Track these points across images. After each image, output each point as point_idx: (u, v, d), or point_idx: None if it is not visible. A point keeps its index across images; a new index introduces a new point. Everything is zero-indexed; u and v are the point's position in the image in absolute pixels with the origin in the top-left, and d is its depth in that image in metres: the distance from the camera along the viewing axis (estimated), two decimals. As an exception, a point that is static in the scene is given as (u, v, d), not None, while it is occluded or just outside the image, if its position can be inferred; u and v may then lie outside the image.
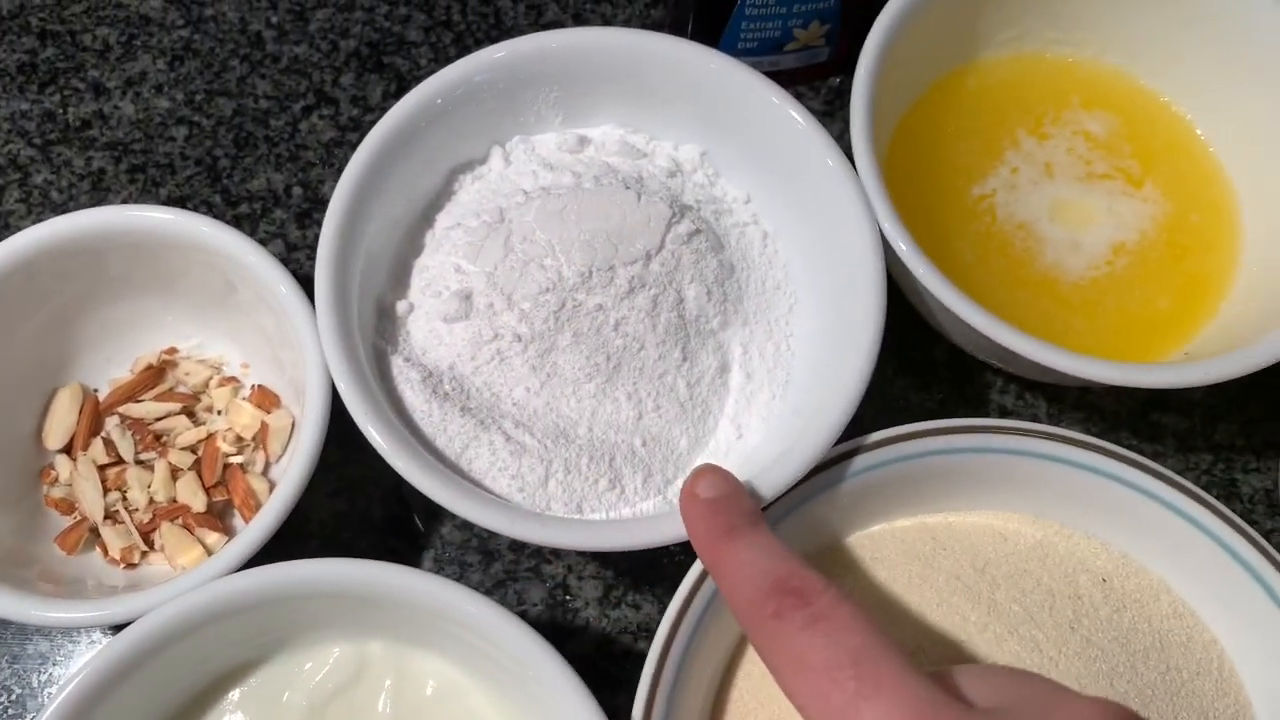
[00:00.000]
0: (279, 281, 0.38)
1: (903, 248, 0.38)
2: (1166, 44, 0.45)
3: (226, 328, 0.43)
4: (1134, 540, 0.38)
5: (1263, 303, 0.41)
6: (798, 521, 0.37)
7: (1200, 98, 0.45)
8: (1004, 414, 0.45)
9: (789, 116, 0.40)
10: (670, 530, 0.34)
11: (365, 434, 0.34)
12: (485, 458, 0.37)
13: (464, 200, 0.41)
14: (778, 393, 0.40)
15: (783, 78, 0.48)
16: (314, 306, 0.36)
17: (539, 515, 0.36)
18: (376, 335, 0.38)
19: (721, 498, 0.33)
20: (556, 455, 0.37)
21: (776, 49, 0.46)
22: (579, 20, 0.50)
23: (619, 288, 0.38)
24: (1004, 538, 0.38)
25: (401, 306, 0.39)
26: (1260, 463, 0.44)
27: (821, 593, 0.28)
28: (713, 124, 0.42)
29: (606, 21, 0.50)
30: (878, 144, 0.43)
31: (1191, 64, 0.44)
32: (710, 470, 0.34)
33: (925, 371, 0.45)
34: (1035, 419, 0.45)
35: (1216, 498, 0.43)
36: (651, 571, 0.42)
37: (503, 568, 0.41)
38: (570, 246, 0.38)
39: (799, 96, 0.49)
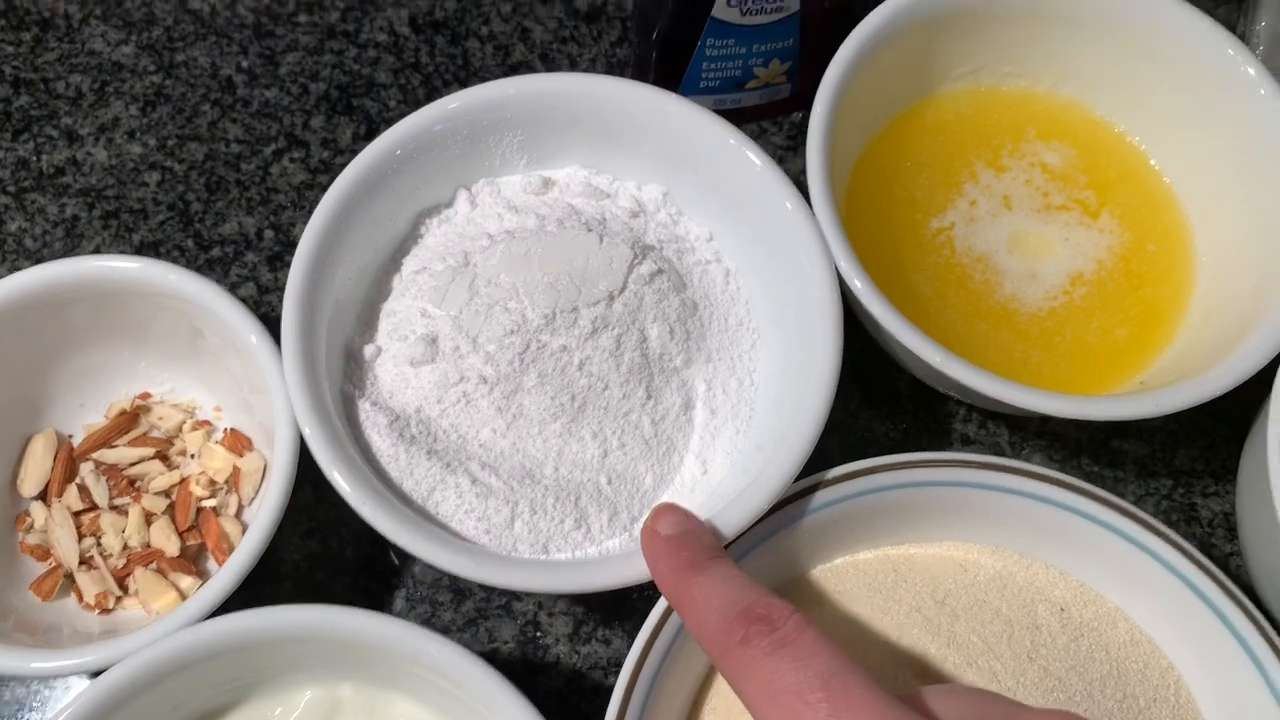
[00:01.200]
0: (245, 327, 0.39)
1: (858, 285, 0.39)
2: (1119, 77, 0.45)
3: (199, 372, 0.43)
4: (1092, 570, 0.39)
5: (1215, 330, 0.42)
6: (762, 556, 0.38)
7: (1153, 129, 0.46)
8: (966, 443, 0.45)
9: (746, 158, 0.41)
10: (635, 570, 0.35)
11: (330, 479, 0.35)
12: (452, 500, 0.37)
13: (430, 244, 0.42)
14: (741, 428, 0.41)
15: (746, 114, 0.49)
16: (281, 352, 0.37)
17: (504, 558, 0.36)
18: (344, 380, 0.39)
19: (682, 534, 0.33)
20: (523, 496, 0.38)
21: (738, 87, 0.46)
22: (546, 60, 0.51)
23: (583, 328, 0.39)
24: (964, 569, 0.39)
25: (369, 350, 0.40)
26: (1219, 486, 0.45)
27: (786, 617, 0.29)
28: (674, 164, 0.43)
29: (573, 61, 0.51)
30: (837, 180, 0.44)
31: (1144, 97, 0.45)
32: (670, 509, 0.35)
33: (889, 403, 0.46)
34: (997, 448, 0.45)
35: (1177, 522, 0.44)
36: (621, 607, 0.42)
37: (474, 606, 0.42)
38: (534, 289, 0.39)
39: (762, 132, 0.50)
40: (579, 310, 0.39)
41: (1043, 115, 0.47)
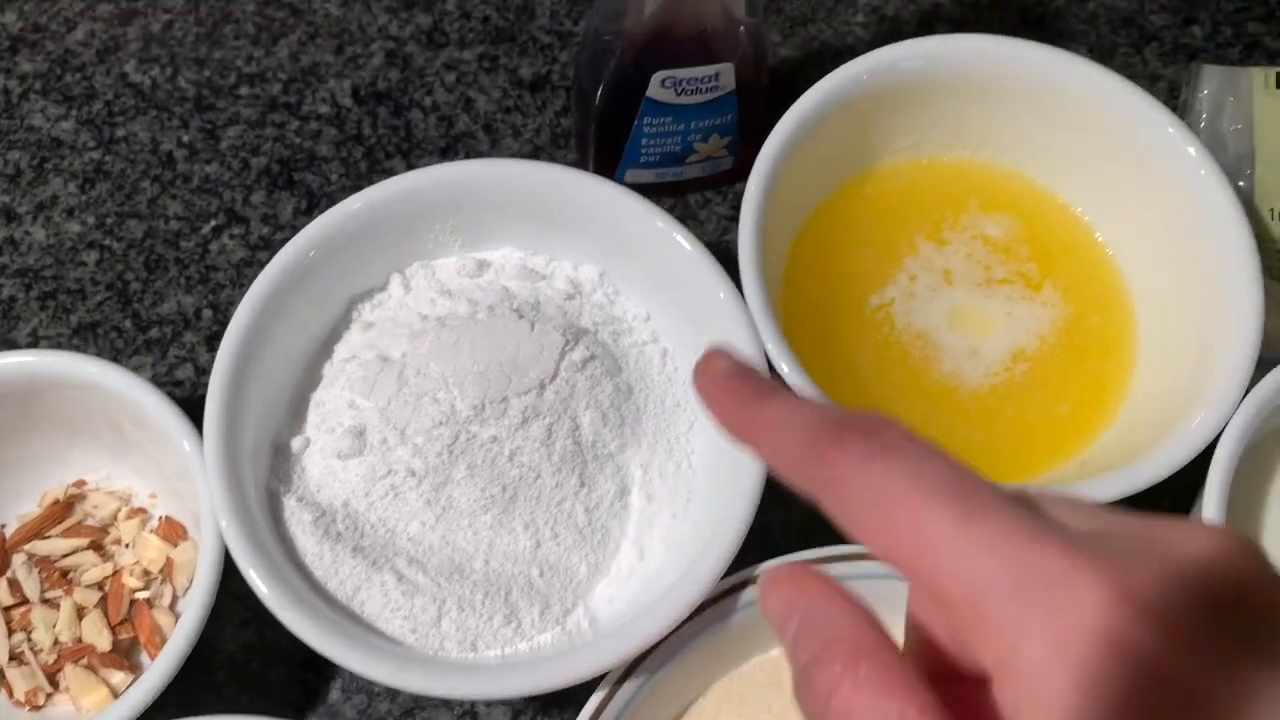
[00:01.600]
0: (166, 419, 0.38)
1: (785, 369, 0.38)
2: (1061, 149, 0.45)
3: (132, 459, 0.43)
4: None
5: (1157, 408, 0.41)
6: (697, 650, 0.38)
7: (1096, 199, 0.46)
8: (911, 519, 0.45)
9: (676, 243, 0.40)
10: (566, 673, 0.35)
11: (248, 581, 0.35)
12: (377, 599, 0.37)
13: (361, 330, 0.41)
14: (679, 512, 0.40)
15: (689, 185, 0.49)
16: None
17: (430, 660, 0.36)
18: (271, 475, 0.39)
19: (740, 368, 0.28)
20: (450, 593, 0.37)
21: (678, 162, 0.46)
22: (489, 131, 0.50)
23: (513, 418, 0.38)
24: (900, 658, 0.39)
25: (297, 443, 0.39)
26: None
27: (888, 425, 0.23)
28: (609, 246, 0.42)
29: (517, 131, 0.50)
30: (775, 257, 0.44)
31: (1086, 169, 0.45)
32: (718, 351, 0.28)
33: (832, 478, 0.45)
34: (942, 523, 0.45)
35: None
36: (560, 695, 0.42)
37: (410, 696, 0.42)
38: (463, 379, 0.38)
39: (706, 202, 0.49)
40: (509, 400, 0.38)
41: (985, 186, 0.47)
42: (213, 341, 0.46)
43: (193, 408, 0.39)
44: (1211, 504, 0.38)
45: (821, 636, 0.22)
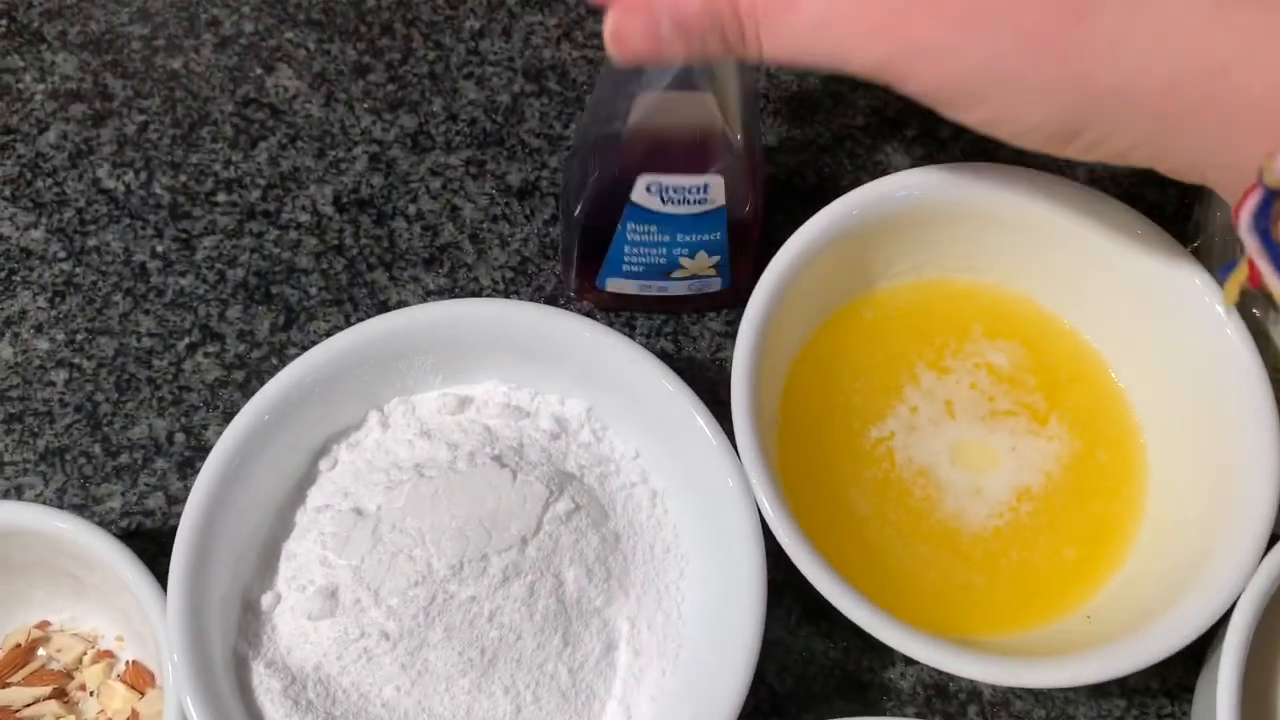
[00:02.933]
0: (121, 568, 0.37)
1: (773, 516, 0.37)
2: (1069, 276, 0.43)
3: (95, 601, 0.41)
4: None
5: (1167, 558, 0.40)
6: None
7: (1106, 329, 0.44)
8: (910, 663, 0.43)
9: (662, 385, 0.39)
10: None
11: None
12: (349, 775, 0.35)
13: (337, 475, 0.40)
14: (668, 667, 0.39)
15: (675, 303, 0.47)
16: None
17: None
18: (239, 637, 0.37)
19: None
20: (425, 767, 0.36)
21: (664, 275, 0.44)
22: (476, 240, 0.48)
23: (493, 577, 0.36)
24: (898, 832, 0.37)
25: (267, 600, 0.37)
26: (1174, 706, 0.43)
27: None
28: (594, 383, 0.41)
29: (504, 241, 0.48)
30: (771, 386, 0.42)
31: (1096, 297, 0.43)
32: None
33: (828, 618, 0.43)
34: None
35: (1131, 747, 0.42)
36: None
37: None
38: (441, 535, 0.36)
39: (700, 318, 0.48)
40: (489, 558, 0.36)
41: (989, 310, 0.45)
42: (184, 469, 0.44)
43: (164, 538, 0.37)
44: (1228, 672, 0.36)
45: None
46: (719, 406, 0.39)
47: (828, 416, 0.43)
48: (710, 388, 0.42)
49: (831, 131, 0.52)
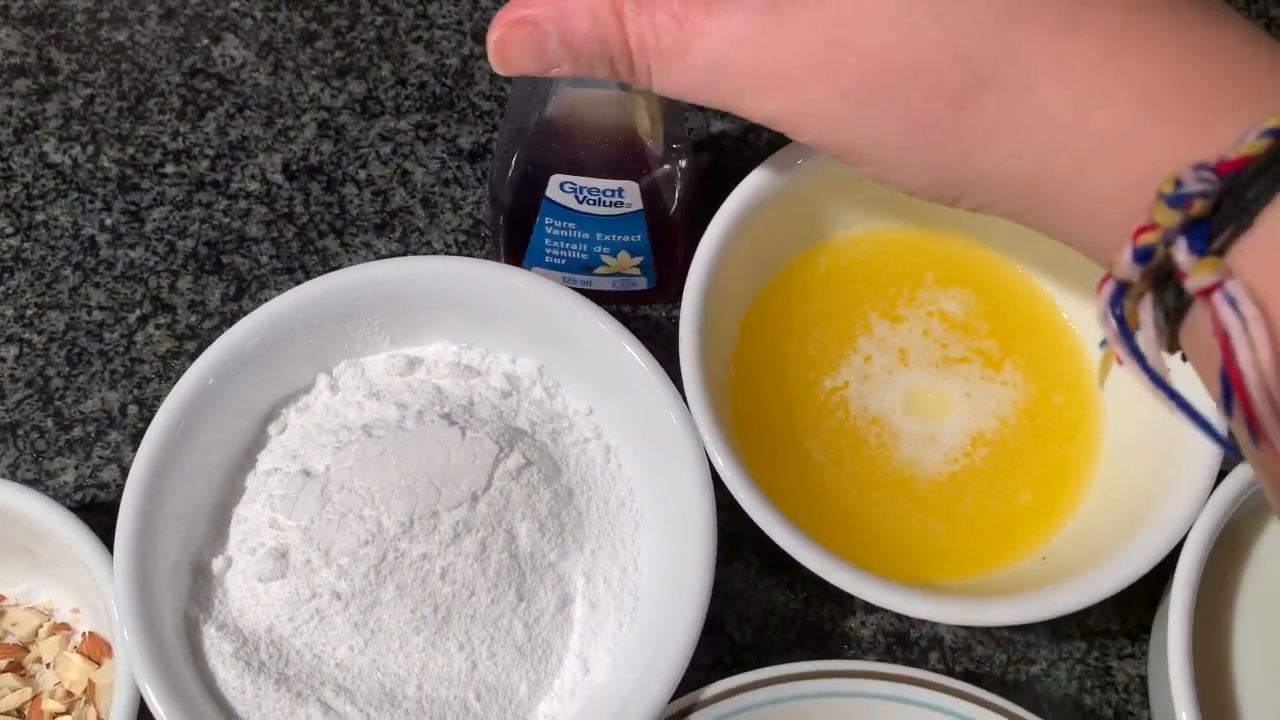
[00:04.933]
0: (72, 540, 0.37)
1: (723, 466, 0.36)
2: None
3: (50, 573, 0.41)
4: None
5: (1122, 498, 0.40)
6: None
7: (1056, 270, 0.44)
8: (870, 611, 0.43)
9: (614, 341, 0.38)
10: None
11: (162, 729, 0.33)
12: (303, 734, 0.35)
13: (286, 438, 0.39)
14: (625, 620, 0.38)
15: (602, 297, 0.46)
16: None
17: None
18: (190, 601, 0.37)
19: None
20: (380, 723, 0.35)
21: (586, 270, 0.44)
22: (427, 205, 0.48)
23: (444, 534, 0.36)
24: (856, 775, 0.37)
25: (218, 564, 0.37)
26: (1134, 648, 0.43)
27: None
28: (546, 339, 0.40)
29: (456, 205, 0.48)
30: (723, 339, 0.42)
31: (1040, 236, 0.43)
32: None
33: (788, 570, 0.43)
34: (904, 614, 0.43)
35: (1092, 689, 0.42)
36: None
37: (347, 819, 0.40)
38: (390, 494, 0.36)
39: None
40: (439, 514, 0.36)
41: (942, 258, 0.45)
42: (138, 440, 0.44)
43: (118, 511, 0.37)
44: (1179, 606, 0.36)
45: None
46: (674, 364, 0.39)
47: (782, 368, 0.43)
48: (666, 344, 0.42)
49: (784, 86, 0.51)
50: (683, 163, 0.40)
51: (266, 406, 0.40)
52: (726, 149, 0.50)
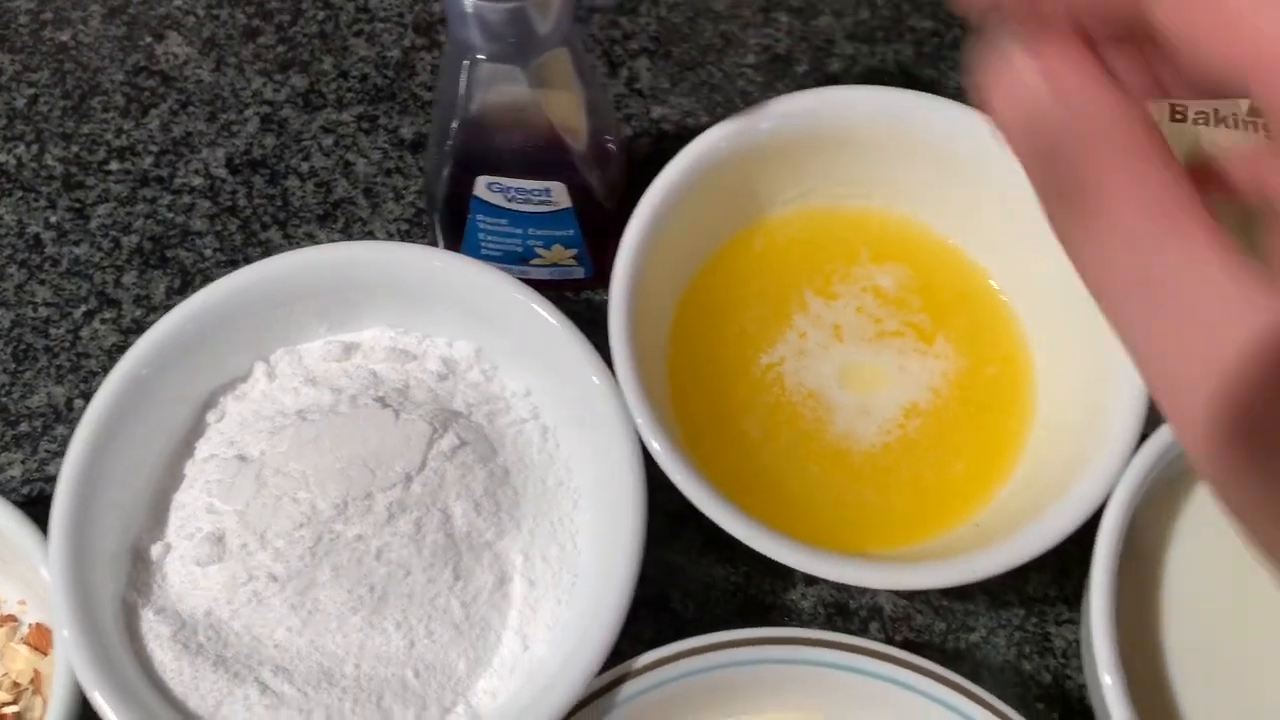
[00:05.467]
0: (24, 537, 0.37)
1: (656, 447, 0.37)
2: (951, 196, 0.44)
3: (-2, 567, 0.41)
4: (923, 734, 0.37)
5: (1054, 463, 0.40)
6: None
7: (990, 246, 0.44)
8: (810, 583, 0.44)
9: (544, 320, 0.39)
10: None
11: (96, 709, 0.33)
12: (240, 715, 0.35)
13: (224, 426, 0.40)
14: (563, 597, 0.39)
15: (540, 285, 0.46)
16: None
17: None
18: (128, 587, 0.37)
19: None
20: (318, 703, 0.36)
21: (522, 262, 0.44)
22: (370, 195, 0.49)
23: (378, 515, 0.37)
24: (790, 742, 0.38)
25: (157, 549, 0.38)
26: (1072, 613, 0.43)
27: None
28: (482, 322, 0.41)
29: (398, 194, 0.49)
30: (658, 323, 0.43)
31: (977, 214, 0.44)
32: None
33: (730, 545, 0.44)
34: (842, 585, 0.44)
35: (1030, 654, 0.43)
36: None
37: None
38: (324, 476, 0.37)
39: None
40: (373, 496, 0.37)
41: (876, 234, 0.45)
42: (84, 433, 0.45)
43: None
44: (1101, 568, 0.37)
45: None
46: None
47: (719, 345, 0.43)
48: (605, 327, 0.42)
49: (723, 71, 0.52)
50: (611, 156, 0.41)
51: (205, 394, 0.40)
52: (667, 134, 0.50)
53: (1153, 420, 0.38)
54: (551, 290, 0.47)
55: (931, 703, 0.36)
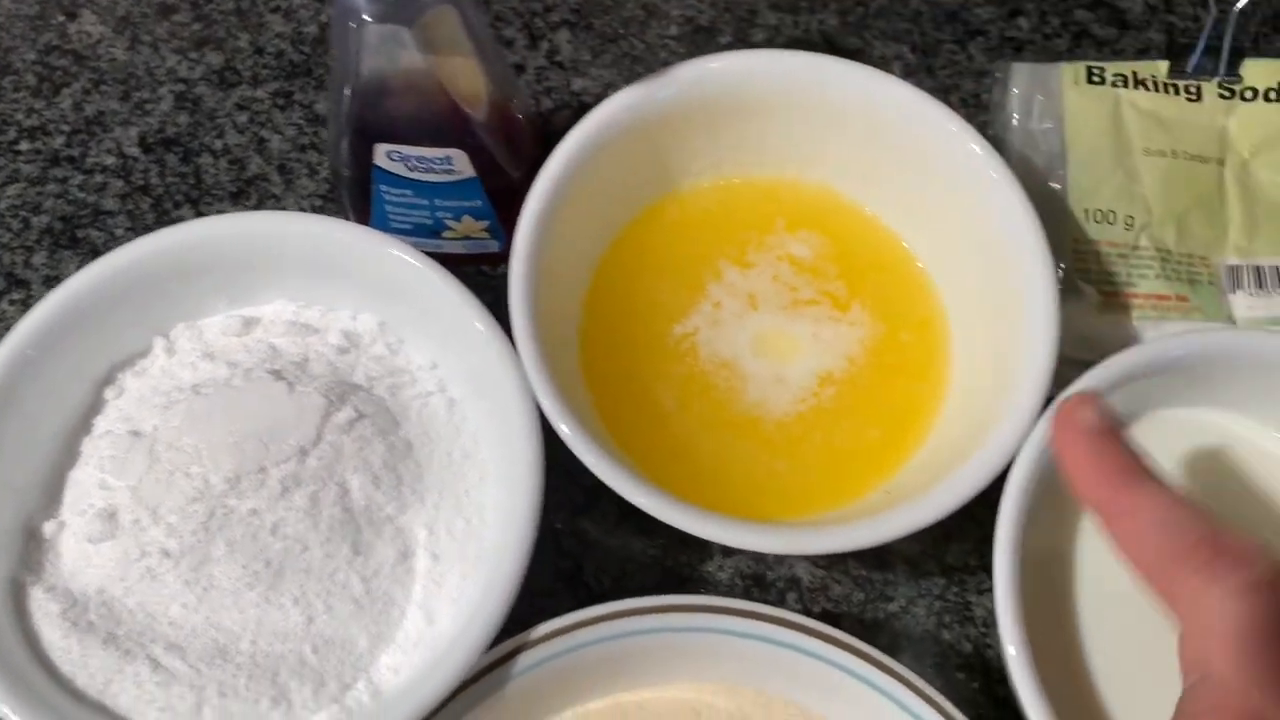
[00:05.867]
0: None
1: (547, 406, 0.36)
2: (865, 163, 0.43)
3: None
4: (829, 704, 0.37)
5: (965, 428, 0.40)
6: (482, 714, 0.36)
7: (904, 212, 0.44)
8: (729, 554, 0.43)
9: (449, 295, 0.38)
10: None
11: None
12: (131, 692, 0.35)
13: (122, 403, 0.39)
14: (469, 571, 0.38)
15: (455, 260, 0.45)
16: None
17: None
18: (19, 566, 0.36)
19: (1107, 431, 0.30)
20: (210, 679, 0.35)
21: (434, 235, 0.43)
22: (284, 172, 0.48)
23: (272, 489, 0.36)
24: (697, 713, 0.37)
25: (50, 527, 0.37)
26: (992, 582, 0.43)
27: (1260, 555, 0.25)
28: (386, 295, 0.40)
29: (312, 170, 0.48)
30: (570, 290, 0.42)
31: (891, 180, 0.43)
32: (1091, 400, 0.31)
33: (647, 517, 0.43)
34: (760, 556, 0.43)
35: (951, 624, 0.43)
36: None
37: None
38: (217, 451, 0.36)
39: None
40: (267, 470, 0.36)
41: (791, 204, 0.45)
42: (-9, 415, 0.44)
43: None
44: (1004, 535, 0.36)
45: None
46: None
47: (632, 316, 0.43)
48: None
49: (645, 43, 0.51)
50: (516, 124, 0.40)
51: (103, 371, 0.39)
52: (588, 106, 0.49)
53: (1060, 382, 0.37)
54: (470, 265, 0.47)
55: (845, 674, 0.36)
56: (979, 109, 0.50)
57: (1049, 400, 0.37)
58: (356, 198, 0.42)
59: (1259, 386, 0.37)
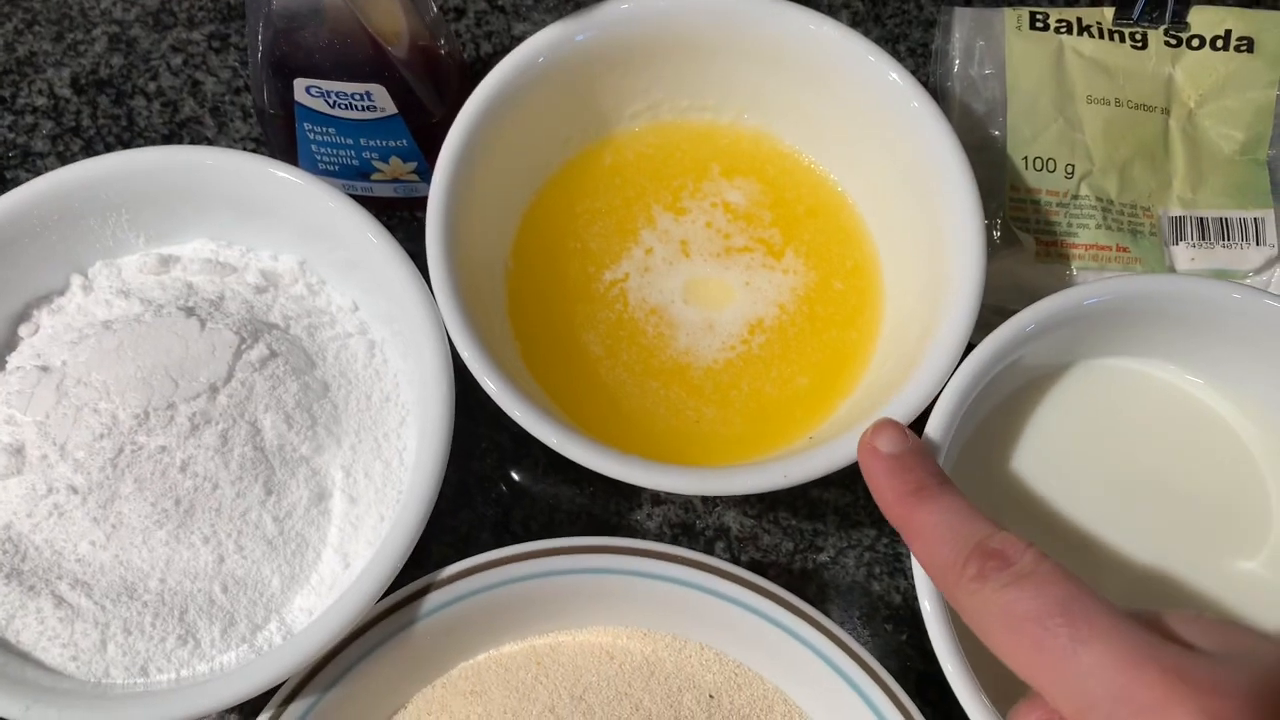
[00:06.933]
0: None
1: (467, 356, 0.36)
2: (803, 107, 0.43)
3: None
4: (750, 651, 0.36)
5: (889, 374, 0.39)
6: (395, 651, 0.35)
7: (839, 157, 0.43)
8: (658, 503, 0.43)
9: (369, 238, 0.38)
10: (243, 687, 0.33)
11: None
12: (34, 628, 0.34)
13: (36, 340, 0.39)
14: (387, 514, 0.38)
15: (385, 204, 0.45)
16: None
17: (86, 693, 0.34)
18: (-76, 505, 0.36)
19: (904, 453, 0.32)
20: (115, 616, 0.35)
21: (362, 176, 0.43)
22: (217, 114, 0.47)
23: (181, 426, 0.36)
24: (611, 656, 0.37)
25: (-43, 464, 0.37)
26: (925, 534, 0.42)
27: (1023, 552, 0.28)
28: (308, 235, 0.40)
29: (246, 113, 0.47)
30: (502, 235, 0.42)
31: (829, 126, 0.43)
32: (890, 424, 0.33)
33: (575, 466, 0.43)
34: (690, 504, 0.43)
35: (881, 575, 0.42)
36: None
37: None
38: (125, 386, 0.36)
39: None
40: (176, 406, 0.36)
41: (728, 150, 0.44)
42: (-86, 356, 0.43)
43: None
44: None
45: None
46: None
47: (563, 261, 0.42)
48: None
49: (590, -11, 0.50)
50: (440, 60, 0.39)
51: (17, 308, 0.39)
52: (530, 53, 0.49)
53: (983, 327, 0.37)
54: (404, 210, 0.46)
55: (762, 619, 0.35)
56: (927, 59, 0.49)
57: (971, 346, 0.36)
58: (282, 137, 0.42)
59: (1179, 333, 0.37)
